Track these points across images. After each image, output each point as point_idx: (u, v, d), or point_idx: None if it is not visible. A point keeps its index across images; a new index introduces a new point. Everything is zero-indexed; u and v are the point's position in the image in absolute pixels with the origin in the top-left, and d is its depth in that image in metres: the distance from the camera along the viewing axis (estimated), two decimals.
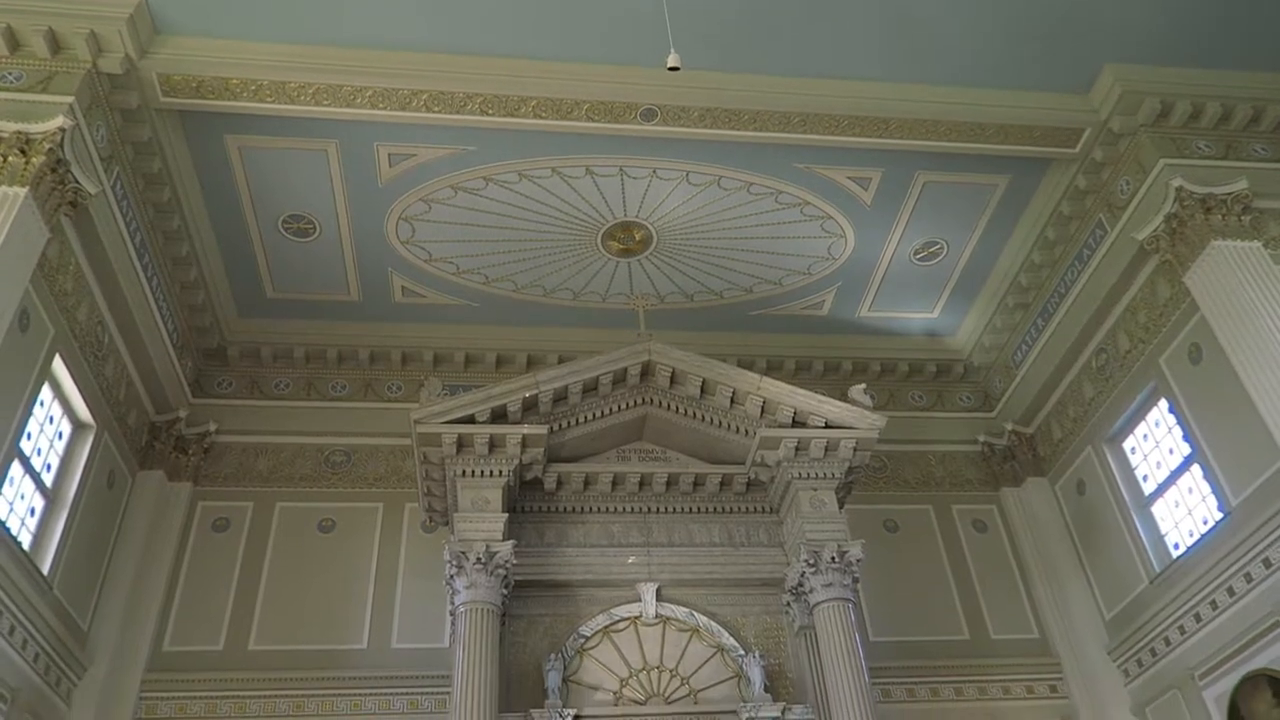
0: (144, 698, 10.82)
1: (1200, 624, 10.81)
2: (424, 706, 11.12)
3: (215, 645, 11.34)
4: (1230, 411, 10.35)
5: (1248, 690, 10.10)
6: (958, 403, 14.90)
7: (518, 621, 10.36)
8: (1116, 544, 12.36)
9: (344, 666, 11.30)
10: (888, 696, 11.65)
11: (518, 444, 10.35)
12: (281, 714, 10.93)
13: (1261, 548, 9.89)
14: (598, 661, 10.28)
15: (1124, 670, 12.09)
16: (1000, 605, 12.95)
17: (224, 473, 12.70)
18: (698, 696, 10.14)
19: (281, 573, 11.95)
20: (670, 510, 11.04)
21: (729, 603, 10.76)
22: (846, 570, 10.18)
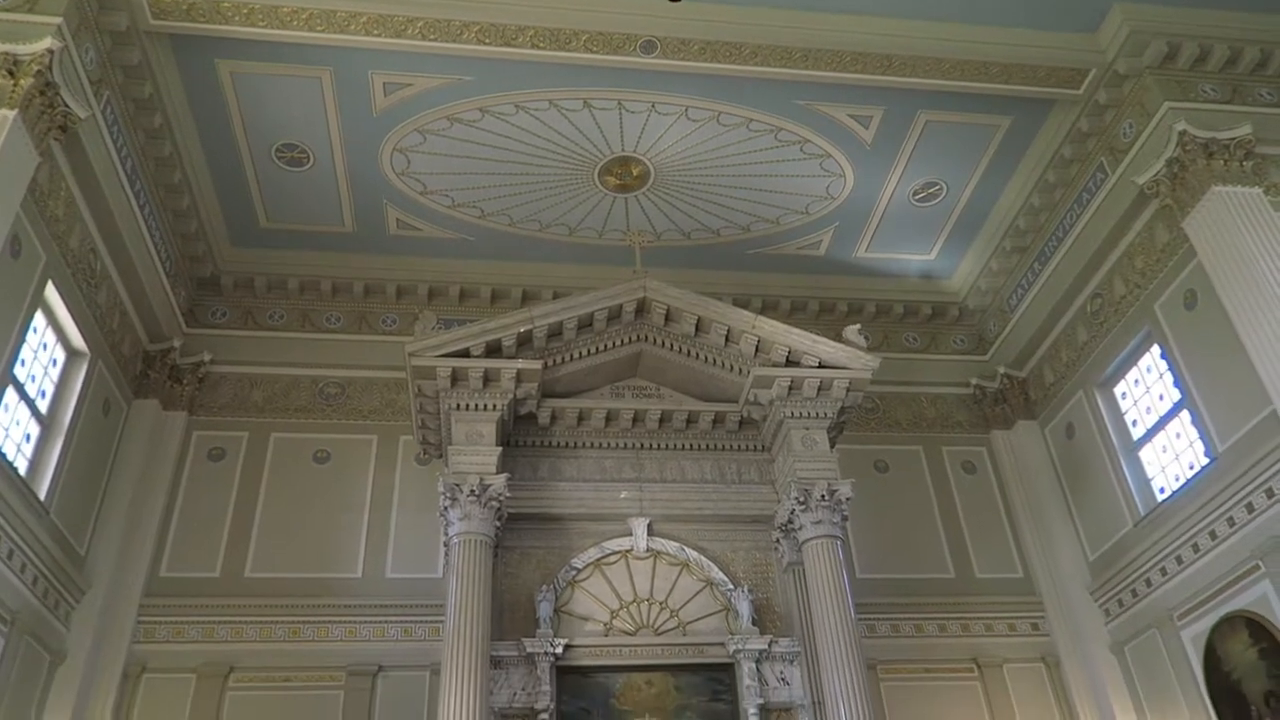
0: (141, 622, 11.00)
1: (1182, 566, 11.00)
2: (417, 634, 11.32)
3: (212, 572, 11.50)
4: (1222, 358, 10.40)
5: (1225, 631, 10.32)
6: (951, 345, 14.94)
7: (510, 553, 10.52)
8: (1103, 487, 12.51)
9: (339, 594, 11.48)
10: (873, 632, 11.89)
11: (512, 378, 10.38)
12: (277, 639, 11.13)
13: (1246, 492, 10.03)
14: (589, 593, 10.46)
15: (1105, 610, 12.33)
16: (986, 545, 13.16)
17: (219, 403, 12.74)
18: (686, 628, 10.34)
19: (277, 502, 12.06)
20: (663, 446, 11.14)
21: (719, 538, 10.92)
22: (836, 508, 10.31)
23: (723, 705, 9.97)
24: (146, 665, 10.77)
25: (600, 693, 9.90)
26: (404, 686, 10.99)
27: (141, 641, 10.90)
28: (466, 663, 9.00)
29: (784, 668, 10.15)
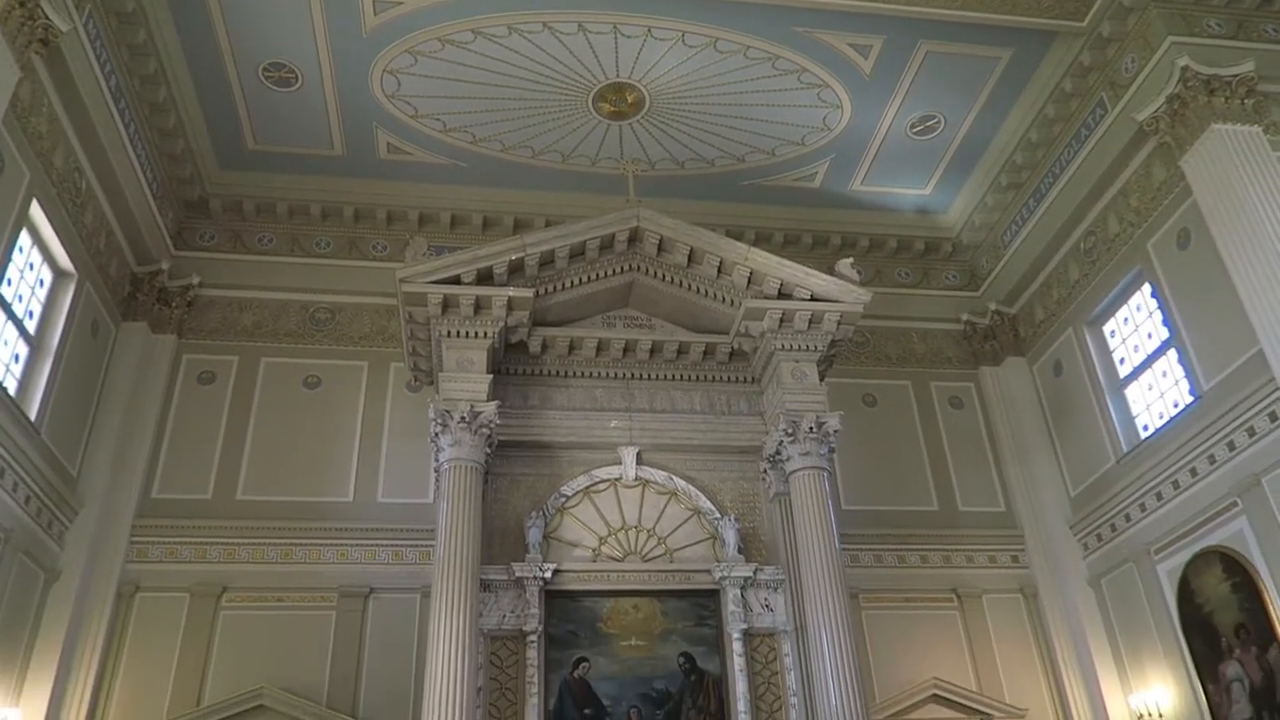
0: (134, 542, 11.11)
1: (1161, 502, 11.19)
2: (408, 558, 11.48)
3: (204, 494, 11.58)
4: (1212, 298, 10.44)
5: (1200, 565, 10.55)
6: (943, 281, 14.94)
7: (500, 479, 10.61)
8: (1088, 424, 12.65)
9: (331, 518, 11.60)
10: (856, 561, 12.10)
11: (503, 306, 10.35)
12: (270, 561, 11.28)
13: (1227, 431, 10.16)
14: (578, 520, 10.58)
15: (1084, 544, 12.57)
16: (970, 479, 13.34)
17: (208, 326, 12.69)
18: (674, 555, 10.50)
19: (268, 426, 12.11)
20: (653, 377, 11.18)
21: (707, 468, 11.03)
22: (823, 440, 10.41)
23: (707, 630, 10.19)
24: (140, 584, 10.91)
25: (588, 616, 10.09)
26: (395, 608, 11.18)
27: (135, 561, 11.03)
28: (456, 586, 9.14)
29: (768, 595, 10.35)
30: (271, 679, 10.48)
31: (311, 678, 10.68)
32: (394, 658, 10.86)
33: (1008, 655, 12.11)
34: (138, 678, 10.44)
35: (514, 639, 9.78)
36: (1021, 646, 12.24)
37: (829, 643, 9.42)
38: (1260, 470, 9.78)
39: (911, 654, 11.84)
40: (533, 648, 9.69)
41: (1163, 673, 11.03)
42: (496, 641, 9.77)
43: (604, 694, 9.75)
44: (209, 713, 10.22)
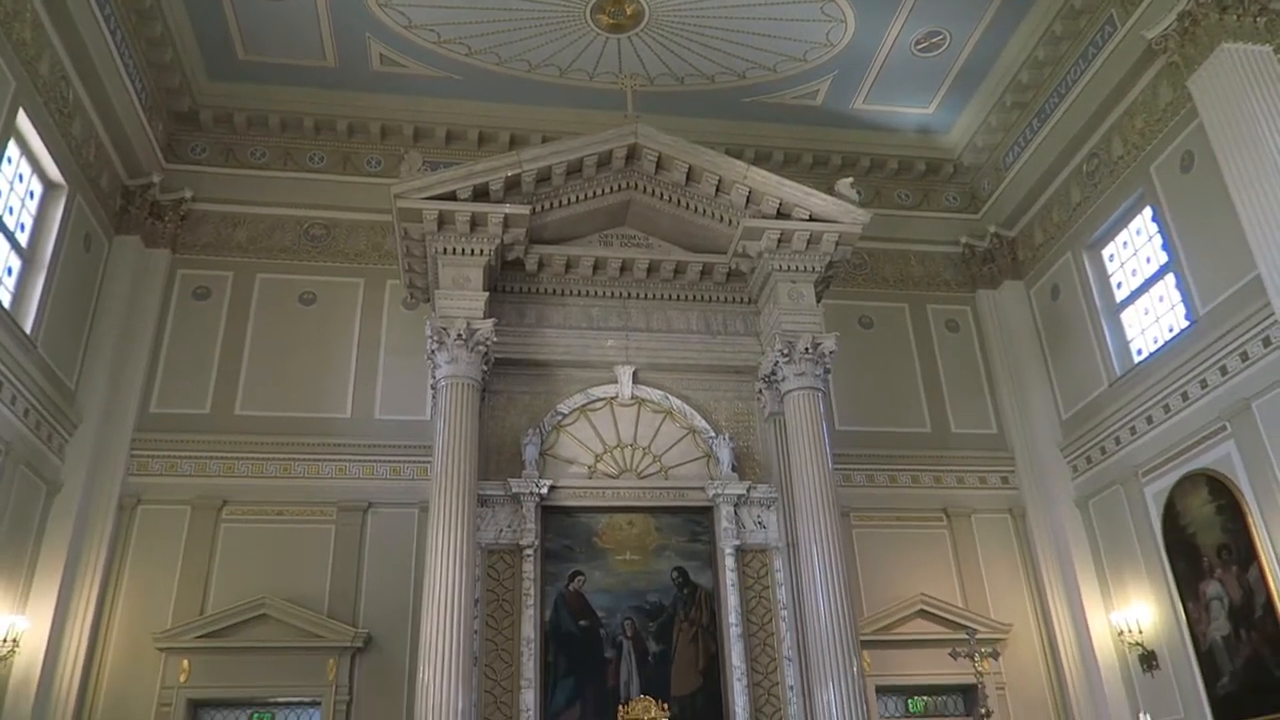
0: (134, 455, 11.21)
1: (1151, 426, 11.31)
2: (406, 474, 11.61)
3: (202, 409, 11.65)
4: (1212, 222, 10.38)
5: (1186, 488, 10.72)
6: (943, 203, 14.81)
7: (497, 397, 10.68)
8: (1082, 348, 12.70)
9: (329, 434, 11.69)
10: (848, 481, 12.26)
11: (499, 223, 10.27)
12: (269, 475, 11.40)
13: (1221, 355, 10.21)
14: (574, 437, 10.69)
15: (1073, 466, 12.73)
16: (963, 402, 13.44)
17: (202, 241, 12.59)
18: (668, 473, 10.64)
19: (264, 342, 12.11)
20: (650, 296, 11.17)
21: (703, 387, 11.11)
22: (819, 361, 10.45)
23: (701, 546, 10.39)
24: (141, 497, 11.05)
25: (583, 531, 10.27)
26: (393, 522, 11.35)
27: (135, 474, 11.15)
28: (454, 501, 9.28)
29: (761, 512, 10.53)
30: (273, 590, 10.69)
31: (312, 589, 10.89)
32: (393, 570, 11.07)
33: (994, 573, 12.38)
34: (141, 587, 10.64)
35: (511, 553, 9.97)
36: (1008, 565, 12.50)
37: (820, 559, 9.61)
38: (1251, 395, 9.86)
39: (900, 571, 12.09)
40: (529, 561, 9.88)
41: (1144, 591, 11.29)
42: (494, 555, 9.96)
43: (599, 606, 9.99)
44: (212, 621, 10.47)
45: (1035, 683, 11.86)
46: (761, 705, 9.79)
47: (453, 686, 8.57)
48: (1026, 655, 11.97)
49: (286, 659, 10.48)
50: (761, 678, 9.92)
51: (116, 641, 10.38)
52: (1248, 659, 9.80)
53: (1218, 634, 10.21)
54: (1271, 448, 9.58)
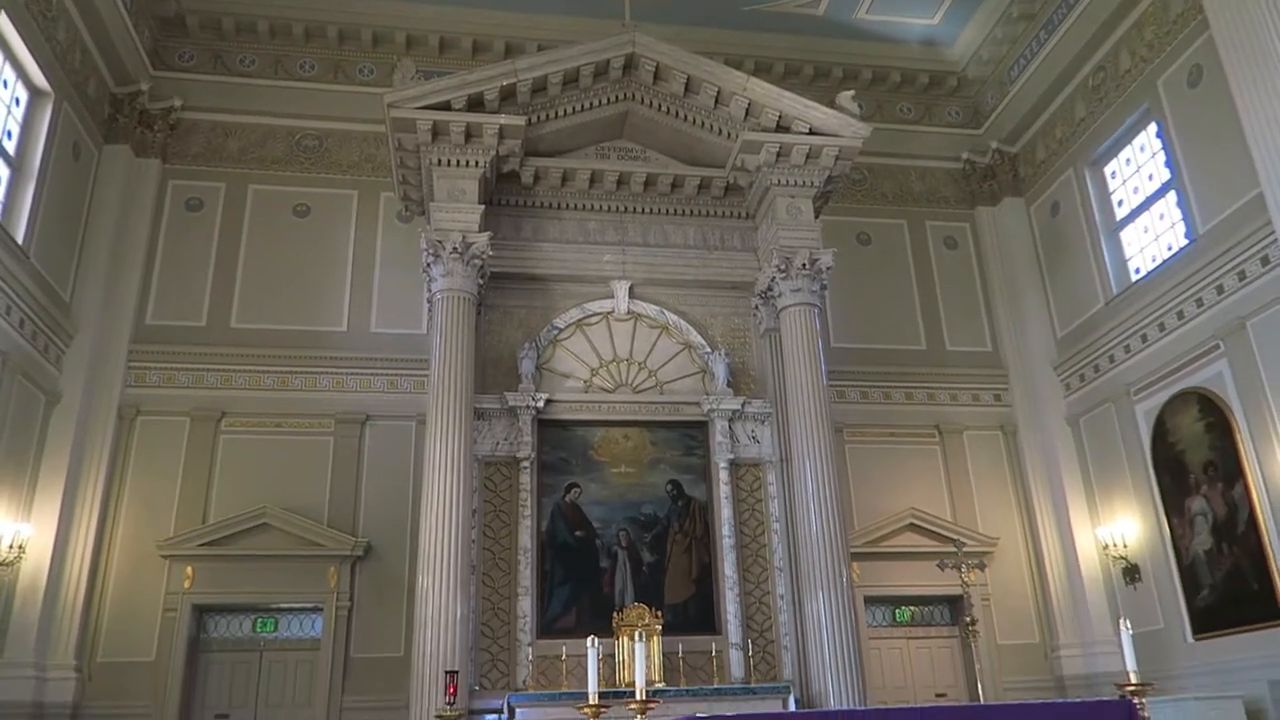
0: (132, 367, 11.24)
1: (1145, 344, 11.35)
2: (403, 386, 11.67)
3: (198, 321, 11.63)
4: (1217, 139, 10.25)
5: (1177, 406, 10.82)
6: (945, 118, 14.58)
7: (493, 311, 10.68)
8: (1080, 266, 12.66)
9: (325, 347, 11.70)
10: (842, 397, 12.35)
11: (495, 134, 10.11)
12: (267, 388, 11.45)
13: (1219, 274, 10.19)
14: (569, 352, 10.73)
15: (1066, 384, 12.82)
16: (959, 319, 13.46)
17: (192, 151, 12.39)
18: (664, 388, 10.72)
19: (258, 254, 12.03)
20: (647, 210, 11.08)
21: (699, 303, 11.11)
22: (816, 277, 10.43)
23: (695, 459, 10.53)
24: (140, 408, 11.12)
25: (579, 445, 10.40)
26: (391, 434, 11.45)
27: (134, 386, 11.19)
28: (450, 413, 9.37)
29: (755, 427, 10.64)
30: (273, 500, 10.85)
31: (312, 499, 11.05)
32: (391, 481, 11.21)
33: (984, 489, 12.57)
34: (143, 497, 10.79)
35: (508, 465, 10.11)
36: (997, 481, 12.69)
37: (812, 473, 9.76)
38: (1246, 314, 9.88)
39: (891, 486, 12.27)
40: (526, 473, 10.03)
41: (1131, 507, 11.50)
42: (491, 467, 10.10)
43: (594, 517, 10.18)
44: (214, 530, 10.64)
45: (1020, 594, 12.16)
46: (753, 613, 10.06)
47: (451, 594, 8.78)
48: (1012, 568, 12.24)
49: (288, 566, 10.70)
50: (753, 587, 10.16)
51: (121, 549, 10.57)
52: (1228, 572, 10.04)
53: (1200, 548, 10.43)
54: (1264, 366, 9.64)
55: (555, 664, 9.33)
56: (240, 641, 10.89)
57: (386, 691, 10.31)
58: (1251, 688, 9.54)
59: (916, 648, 11.99)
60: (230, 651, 10.81)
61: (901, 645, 11.98)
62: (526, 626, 9.58)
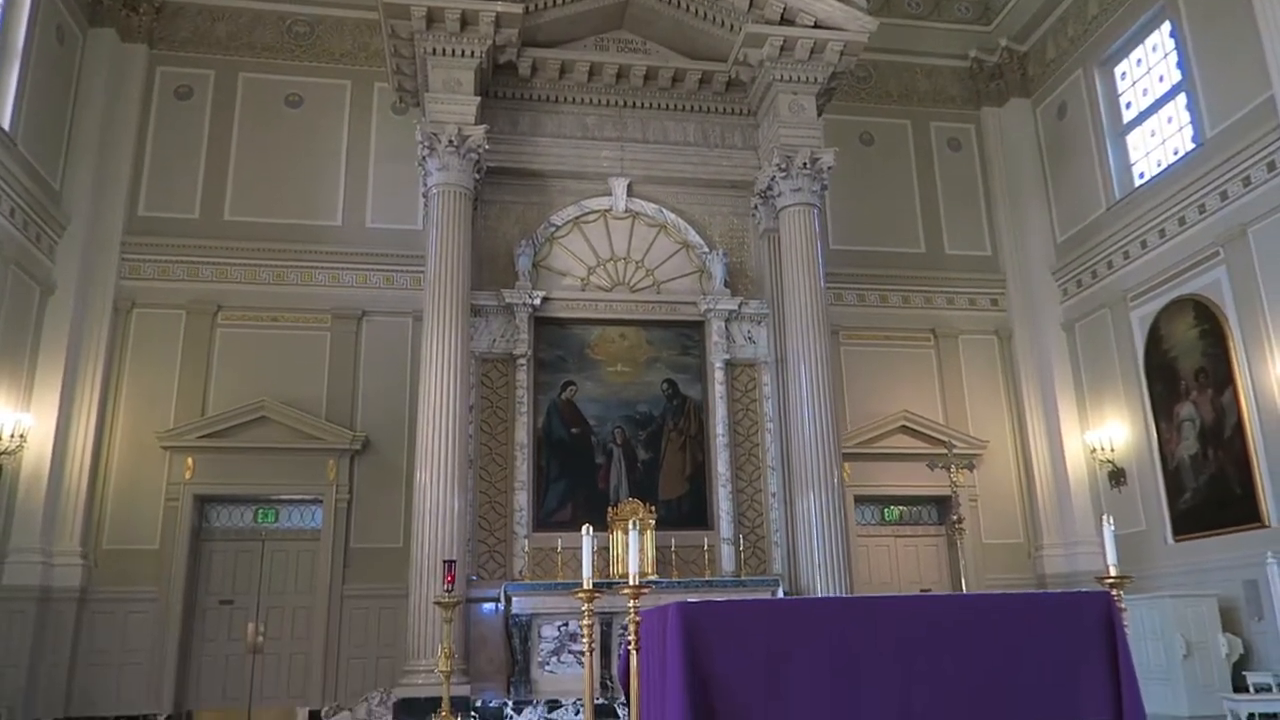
0: (126, 259, 11.16)
1: (1145, 250, 11.30)
2: (399, 283, 11.62)
3: (190, 213, 11.50)
4: (1232, 39, 10.00)
5: (1173, 312, 10.84)
6: (955, 13, 14.13)
7: (489, 207, 10.57)
8: (1084, 170, 12.50)
9: (320, 241, 11.61)
10: (839, 299, 12.34)
11: (491, 22, 9.83)
12: (263, 282, 11.40)
13: (1223, 180, 10.08)
14: (567, 250, 10.66)
15: (1063, 289, 12.80)
16: (959, 222, 13.35)
17: (180, 36, 12.02)
18: (661, 288, 10.70)
19: (251, 145, 11.81)
20: (646, 105, 10.87)
21: (698, 202, 11.00)
22: (816, 177, 10.31)
23: (691, 359, 10.59)
24: (136, 301, 11.09)
25: (576, 343, 10.43)
26: (388, 330, 11.46)
27: (128, 278, 11.14)
28: (447, 310, 9.37)
29: (751, 327, 10.67)
30: (271, 393, 10.93)
31: (310, 393, 11.13)
32: (389, 377, 11.28)
33: (976, 393, 12.68)
34: (142, 389, 10.85)
35: (504, 362, 10.15)
36: (990, 385, 12.79)
37: (807, 375, 9.83)
38: (1248, 221, 9.81)
39: (885, 388, 12.37)
40: (522, 370, 10.08)
41: (1120, 412, 11.63)
42: (487, 364, 10.15)
43: (590, 415, 10.28)
44: (213, 422, 10.75)
45: (1007, 495, 12.39)
46: (744, 510, 10.26)
47: (449, 488, 8.94)
48: (1001, 470, 12.45)
49: (288, 459, 10.84)
50: (745, 484, 10.34)
51: (121, 439, 10.69)
52: (1211, 476, 10.23)
53: (1186, 453, 10.60)
54: (1262, 274, 9.63)
55: (550, 556, 9.55)
56: (242, 531, 11.11)
57: (386, 580, 10.59)
58: (1225, 587, 9.84)
59: (903, 546, 12.29)
60: (232, 541, 11.04)
61: (889, 543, 12.27)
62: (522, 520, 9.77)
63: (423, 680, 8.32)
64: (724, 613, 3.46)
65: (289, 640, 10.77)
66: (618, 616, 8.29)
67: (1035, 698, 3.63)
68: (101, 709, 10.00)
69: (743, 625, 3.41)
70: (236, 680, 10.63)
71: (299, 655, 10.70)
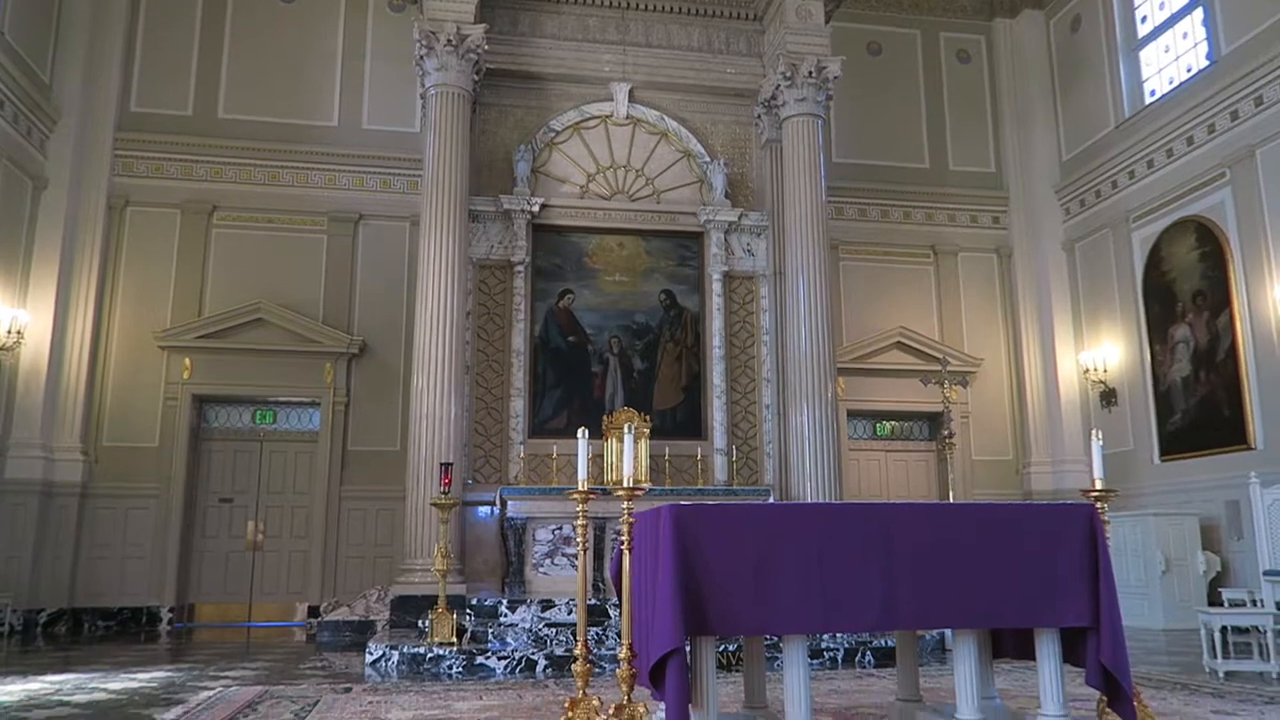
0: (118, 155, 11.00)
1: (1151, 170, 11.18)
2: (396, 186, 11.50)
3: (184, 110, 11.29)
4: None
5: (1175, 233, 10.79)
6: None
7: (488, 110, 10.38)
8: (1094, 86, 12.27)
9: (316, 142, 11.43)
10: (840, 214, 12.25)
11: None
12: (257, 182, 11.28)
13: (1234, 99, 9.92)
14: (566, 156, 10.51)
15: (1066, 209, 12.71)
16: (965, 138, 13.16)
17: None
18: (660, 197, 10.58)
19: (244, 42, 11.53)
20: (650, 8, 10.58)
21: (700, 110, 10.81)
22: (821, 87, 10.11)
23: (689, 270, 10.54)
24: (129, 198, 10.97)
25: (574, 251, 10.36)
26: (385, 235, 11.39)
27: (121, 175, 10.99)
28: (445, 214, 9.28)
29: (750, 240, 10.59)
30: (268, 296, 10.92)
31: (307, 297, 11.12)
32: (386, 282, 11.25)
33: (973, 311, 12.70)
34: (138, 288, 10.82)
35: (502, 268, 10.11)
36: (987, 303, 12.80)
37: (805, 288, 9.81)
38: (1256, 141, 9.69)
39: (882, 304, 12.38)
40: (520, 277, 10.04)
41: (1115, 333, 11.67)
42: (485, 270, 10.10)
43: (587, 324, 10.28)
44: (211, 323, 10.76)
45: (998, 412, 12.52)
46: (738, 421, 10.36)
47: (445, 393, 8.99)
48: (993, 387, 12.55)
49: (285, 362, 10.89)
50: (740, 396, 10.42)
51: (119, 338, 10.70)
52: (1202, 399, 10.33)
53: (1178, 375, 10.68)
54: (1266, 197, 9.55)
55: (545, 462, 9.68)
56: (241, 432, 11.22)
57: (383, 482, 10.75)
58: (1207, 507, 10.03)
59: (894, 460, 12.47)
60: (231, 441, 11.16)
61: (880, 458, 12.44)
62: (518, 426, 9.86)
63: (419, 579, 8.52)
64: (715, 514, 3.53)
65: (288, 539, 10.99)
66: (610, 522, 8.44)
67: (1017, 600, 3.73)
68: (106, 601, 10.26)
69: (733, 526, 3.49)
70: (237, 576, 10.88)
71: (298, 553, 10.93)
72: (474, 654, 6.80)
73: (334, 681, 6.16)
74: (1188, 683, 5.80)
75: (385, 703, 5.23)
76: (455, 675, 6.62)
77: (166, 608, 10.38)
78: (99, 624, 10.17)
